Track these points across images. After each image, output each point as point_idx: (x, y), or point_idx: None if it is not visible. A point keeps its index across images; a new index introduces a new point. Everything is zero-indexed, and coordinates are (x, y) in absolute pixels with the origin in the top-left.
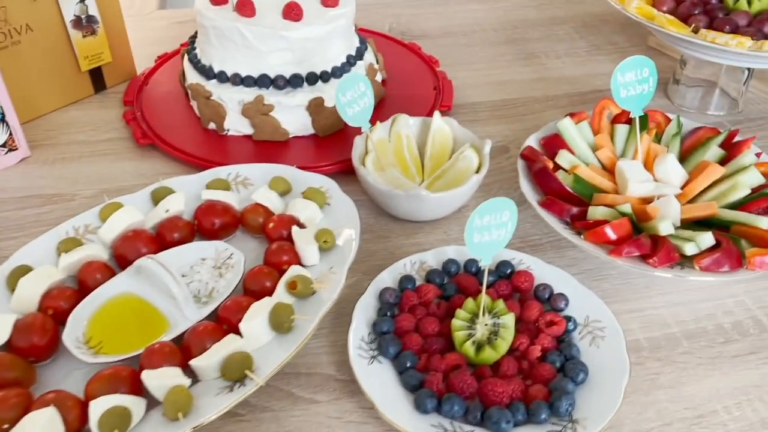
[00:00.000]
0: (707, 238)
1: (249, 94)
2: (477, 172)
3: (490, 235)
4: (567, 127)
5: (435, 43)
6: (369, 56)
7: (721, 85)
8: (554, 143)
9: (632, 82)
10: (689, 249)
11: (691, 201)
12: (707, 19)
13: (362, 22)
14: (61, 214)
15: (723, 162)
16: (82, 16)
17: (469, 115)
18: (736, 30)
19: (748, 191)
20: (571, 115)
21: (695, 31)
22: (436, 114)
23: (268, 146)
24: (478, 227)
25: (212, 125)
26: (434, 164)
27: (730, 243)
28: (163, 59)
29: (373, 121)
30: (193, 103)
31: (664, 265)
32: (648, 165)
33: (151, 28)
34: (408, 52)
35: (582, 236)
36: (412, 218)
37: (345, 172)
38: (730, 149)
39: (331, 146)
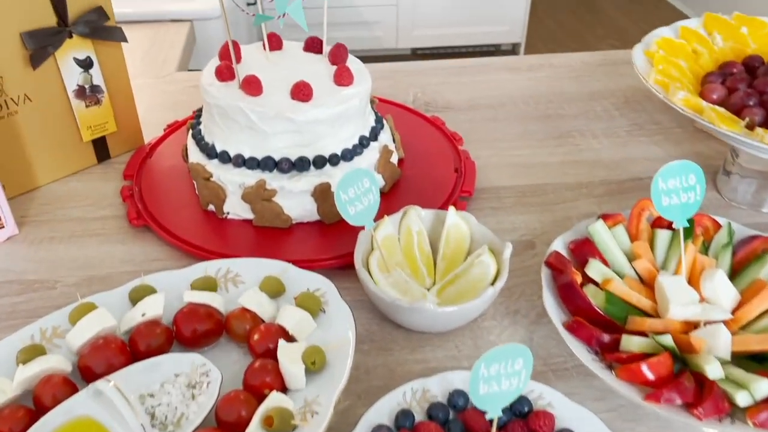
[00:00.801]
0: (763, 387)
1: (251, 177)
2: (494, 281)
3: (500, 385)
4: (600, 232)
5: (460, 117)
6: (385, 136)
7: None
8: (585, 249)
9: (676, 189)
10: (742, 399)
11: (744, 327)
12: (763, 112)
13: (386, 91)
14: (39, 305)
15: None
16: (86, 86)
17: (493, 201)
18: None
19: None
20: (605, 217)
21: (750, 126)
22: (451, 209)
23: (269, 233)
24: (485, 377)
25: (211, 207)
26: (448, 265)
27: None
28: (172, 128)
29: (383, 209)
30: (195, 182)
31: (711, 417)
32: (693, 279)
33: (166, 91)
34: (430, 128)
35: (614, 371)
36: (419, 329)
37: (350, 266)
38: None
39: (337, 235)
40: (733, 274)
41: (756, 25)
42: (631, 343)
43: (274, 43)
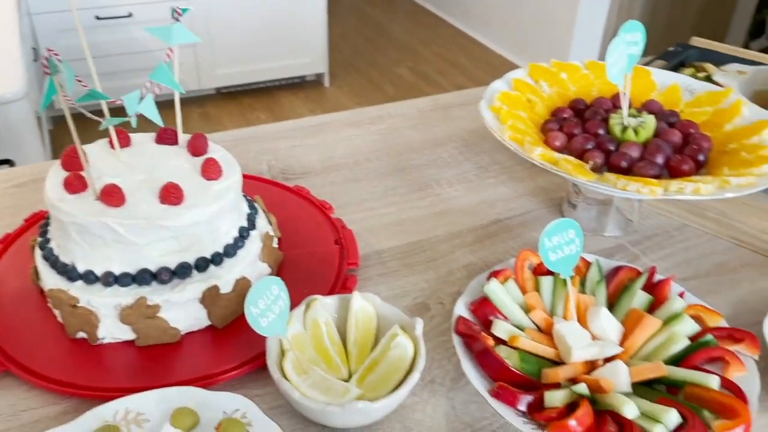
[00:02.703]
0: (673, 417)
1: (127, 295)
2: (413, 359)
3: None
4: (495, 291)
5: (322, 181)
6: (261, 221)
7: (617, 204)
8: (485, 308)
9: (559, 245)
10: None
11: (632, 356)
12: (602, 154)
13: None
14: None
15: (652, 307)
16: None
17: (378, 267)
18: (631, 164)
19: (687, 342)
20: (496, 274)
21: (594, 169)
22: (356, 294)
23: (156, 351)
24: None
25: (82, 334)
26: (360, 350)
27: (696, 418)
28: (4, 243)
29: None
30: (56, 312)
31: None
32: (581, 319)
33: None
34: (297, 200)
35: (545, 429)
36: (348, 427)
37: (258, 371)
38: (654, 289)
39: (234, 338)
40: (610, 307)
41: (572, 70)
42: (554, 399)
43: (123, 139)
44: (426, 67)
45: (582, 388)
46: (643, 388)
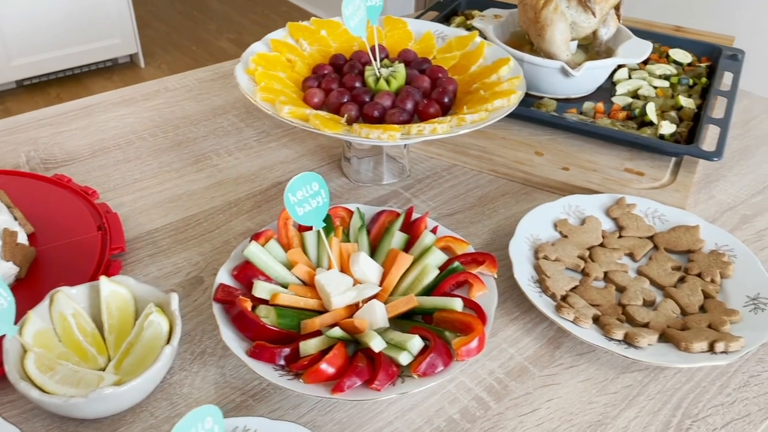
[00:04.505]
0: (416, 343)
1: None
2: (170, 334)
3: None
4: (255, 252)
5: (89, 167)
6: (2, 217)
7: (387, 152)
8: (248, 272)
9: (305, 198)
10: (404, 359)
11: (392, 293)
12: (356, 106)
13: None
14: None
15: (408, 244)
16: None
17: (149, 248)
18: (383, 113)
19: (437, 272)
20: (256, 236)
21: (349, 121)
22: (103, 279)
23: None
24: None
25: None
26: (118, 336)
27: (437, 339)
28: None
29: (26, 298)
30: None
31: (387, 385)
32: (345, 267)
33: None
34: (55, 189)
35: (301, 378)
36: (108, 415)
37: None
38: (410, 228)
39: None
40: (374, 251)
41: (332, 27)
42: (309, 347)
43: None
44: (248, 38)
45: (336, 331)
46: (403, 321)
